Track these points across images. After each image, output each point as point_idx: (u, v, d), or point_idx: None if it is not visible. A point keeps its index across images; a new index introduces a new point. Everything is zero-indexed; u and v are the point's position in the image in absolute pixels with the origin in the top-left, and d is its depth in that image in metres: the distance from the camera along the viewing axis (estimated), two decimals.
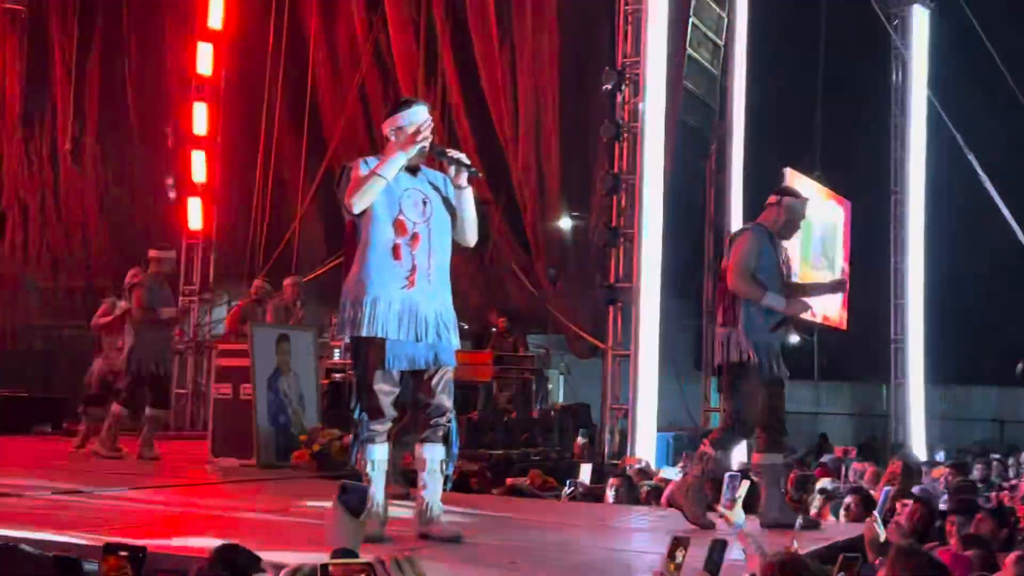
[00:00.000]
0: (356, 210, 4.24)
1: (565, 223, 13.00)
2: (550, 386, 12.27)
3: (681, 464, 8.51)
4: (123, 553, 2.48)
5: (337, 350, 10.89)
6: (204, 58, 12.86)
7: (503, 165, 11.87)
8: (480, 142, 11.75)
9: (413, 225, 4.31)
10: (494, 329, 12.03)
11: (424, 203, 4.36)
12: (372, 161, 4.31)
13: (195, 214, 13.01)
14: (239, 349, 8.04)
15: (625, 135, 10.68)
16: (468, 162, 4.40)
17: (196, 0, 12.94)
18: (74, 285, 13.93)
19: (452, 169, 4.40)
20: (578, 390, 12.67)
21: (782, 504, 5.35)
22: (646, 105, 10.46)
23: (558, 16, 11.69)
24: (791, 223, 5.46)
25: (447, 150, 4.43)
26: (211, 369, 9.57)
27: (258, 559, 2.85)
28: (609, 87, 10.65)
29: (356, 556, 2.26)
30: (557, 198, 12.38)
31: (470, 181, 4.43)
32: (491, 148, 11.82)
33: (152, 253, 8.54)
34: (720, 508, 4.61)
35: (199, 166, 13.00)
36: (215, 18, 12.90)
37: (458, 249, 4.51)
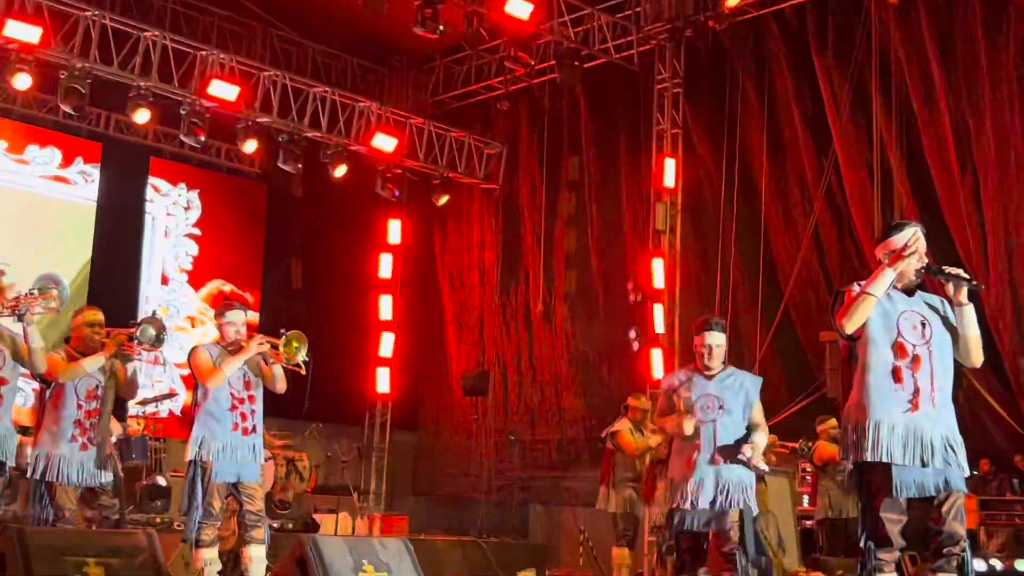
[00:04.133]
0: (848, 330, 4.27)
1: None
2: None
3: None
4: None
5: (806, 496, 10.72)
6: (661, 215, 13.49)
7: (975, 301, 11.27)
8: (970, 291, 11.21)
9: (913, 347, 4.27)
10: (975, 472, 11.25)
11: (923, 324, 4.32)
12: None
13: (657, 363, 13.46)
14: None
15: None
16: (968, 276, 4.30)
17: (652, 161, 13.67)
18: (549, 437, 14.89)
19: (950, 286, 4.33)
20: None
21: None
22: None
23: (1022, 139, 11.12)
24: None
25: (944, 267, 4.37)
26: None
27: None
28: None
29: None
30: None
31: (971, 297, 4.32)
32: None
33: (630, 400, 9.13)
34: None
35: (659, 318, 13.51)
36: (669, 178, 13.54)
37: None
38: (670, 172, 13.62)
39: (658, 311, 13.67)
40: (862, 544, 4.25)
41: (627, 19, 13.86)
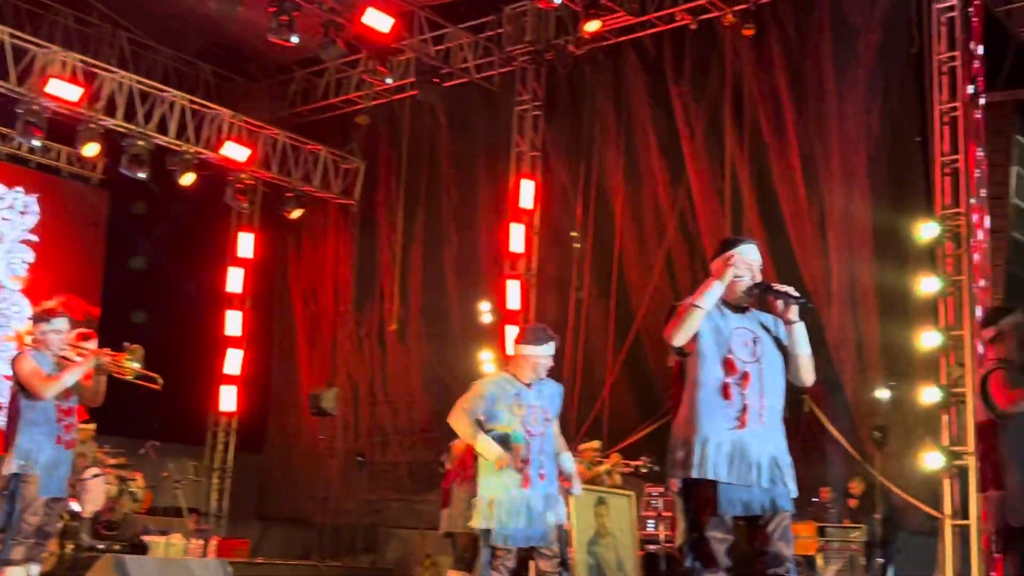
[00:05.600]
0: (675, 343, 4.18)
1: (883, 393, 12.32)
2: (881, 562, 11.41)
3: None
4: None
5: (651, 521, 10.71)
6: (516, 237, 13.44)
7: (818, 326, 11.51)
8: (801, 309, 11.42)
9: (743, 364, 4.20)
10: (815, 500, 11.44)
11: (755, 342, 4.26)
12: None
13: None
14: None
15: (951, 290, 10.14)
16: (797, 294, 4.26)
17: (509, 184, 13.62)
18: (401, 459, 14.61)
19: (780, 303, 4.28)
20: (917, 571, 11.69)
21: None
22: (969, 258, 9.93)
23: (868, 172, 11.44)
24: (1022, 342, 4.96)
25: (773, 284, 4.32)
26: None
27: None
28: (927, 241, 10.22)
29: None
30: (877, 361, 11.81)
31: (802, 316, 4.28)
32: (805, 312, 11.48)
33: None
34: None
35: (512, 341, 13.39)
36: (526, 199, 13.51)
37: None
38: (528, 194, 13.59)
39: (512, 333, 13.57)
40: (688, 564, 4.14)
41: (489, 40, 13.81)
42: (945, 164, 10.27)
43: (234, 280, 15.54)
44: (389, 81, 13.75)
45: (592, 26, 12.49)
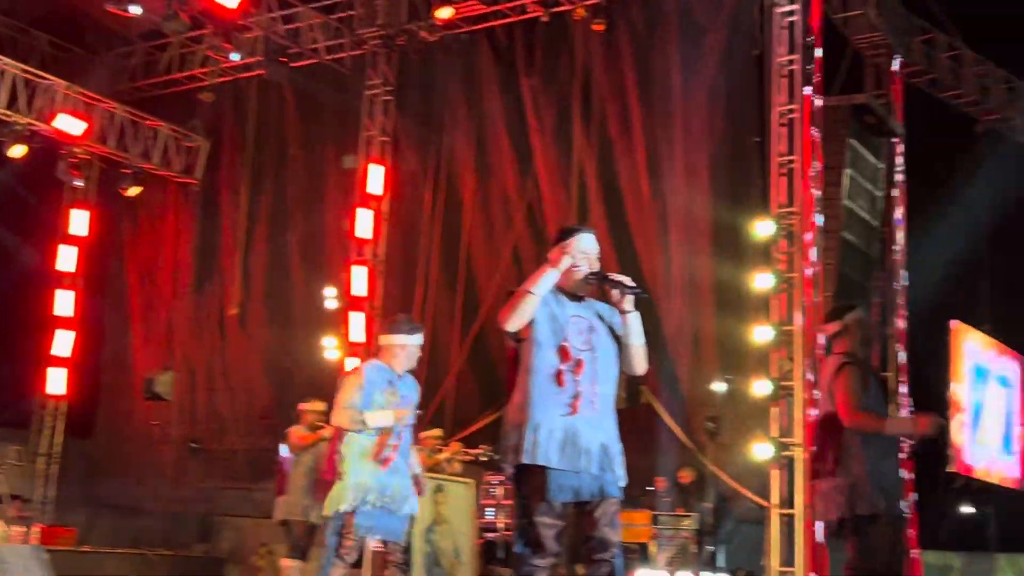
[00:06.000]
0: (509, 328, 4.18)
1: (719, 386, 12.66)
2: (711, 549, 11.73)
3: None
4: None
5: (490, 510, 10.75)
6: (364, 223, 13.28)
7: (657, 320, 11.74)
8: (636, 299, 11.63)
9: (577, 352, 4.21)
10: (650, 488, 11.68)
11: (590, 330, 4.28)
12: None
13: None
14: None
15: (784, 287, 10.46)
16: (632, 284, 4.30)
17: (358, 168, 13.45)
18: (239, 447, 14.28)
19: (615, 293, 4.31)
20: (746, 558, 12.06)
21: None
22: (802, 255, 10.27)
23: (709, 170, 11.73)
24: (865, 336, 5.21)
25: (609, 274, 4.35)
26: None
27: None
28: (762, 238, 10.53)
29: None
30: (712, 355, 12.13)
31: (637, 305, 4.33)
32: (643, 302, 11.70)
33: (301, 406, 8.86)
34: None
35: (357, 326, 13.27)
36: (375, 185, 13.37)
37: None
38: (377, 179, 13.45)
39: (358, 320, 13.43)
40: (516, 549, 4.14)
41: (340, 21, 13.59)
42: (782, 164, 10.59)
43: (65, 258, 14.88)
44: (235, 58, 13.41)
45: (444, 13, 12.43)
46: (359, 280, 13.34)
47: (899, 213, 12.56)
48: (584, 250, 4.35)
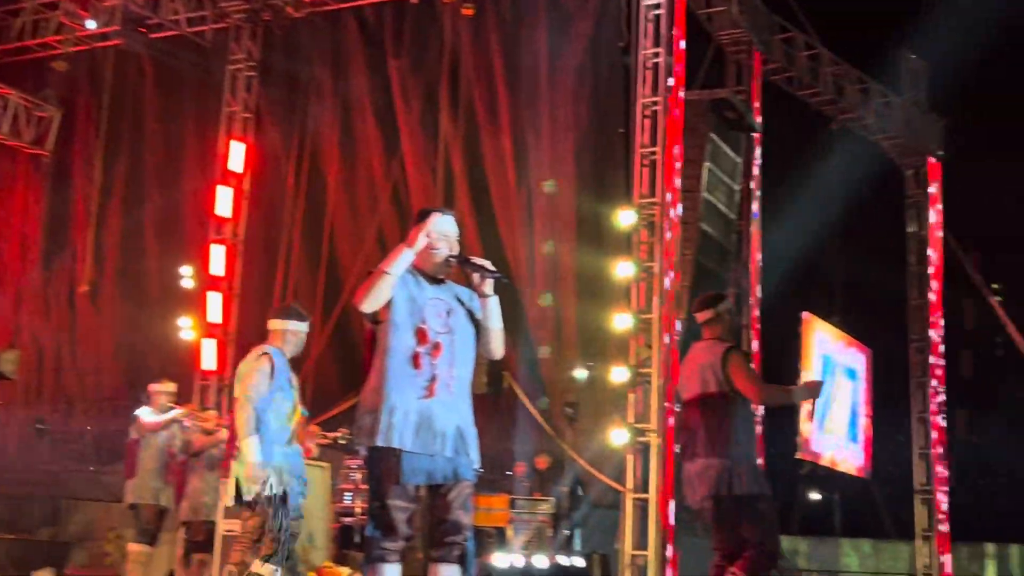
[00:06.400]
0: (364, 308, 4.13)
1: (580, 372, 12.81)
2: (567, 532, 11.89)
3: None
4: None
5: (348, 494, 10.65)
6: (224, 200, 12.99)
7: (519, 306, 11.81)
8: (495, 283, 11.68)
9: (435, 334, 4.19)
10: (509, 473, 11.77)
11: (448, 313, 4.26)
12: None
13: (209, 355, 12.91)
14: None
15: (643, 275, 10.63)
16: (492, 268, 4.30)
17: (217, 144, 13.14)
18: (88, 429, 13.82)
19: (476, 276, 4.30)
20: (600, 541, 12.25)
21: None
22: (663, 246, 10.45)
23: (574, 158, 11.83)
24: (733, 324, 5.48)
25: (470, 257, 4.34)
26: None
27: None
28: (624, 227, 10.67)
29: None
30: (573, 341, 12.26)
31: (496, 290, 4.33)
32: (506, 289, 11.76)
33: (151, 387, 8.68)
34: None
35: (215, 307, 12.98)
36: (236, 162, 13.08)
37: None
38: (237, 156, 13.17)
39: (215, 299, 13.13)
40: (368, 532, 4.11)
41: None
42: (644, 156, 10.75)
43: None
44: (91, 26, 12.93)
45: None
46: (217, 259, 13.06)
47: (755, 207, 12.91)
48: (443, 232, 4.33)
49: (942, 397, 14.92)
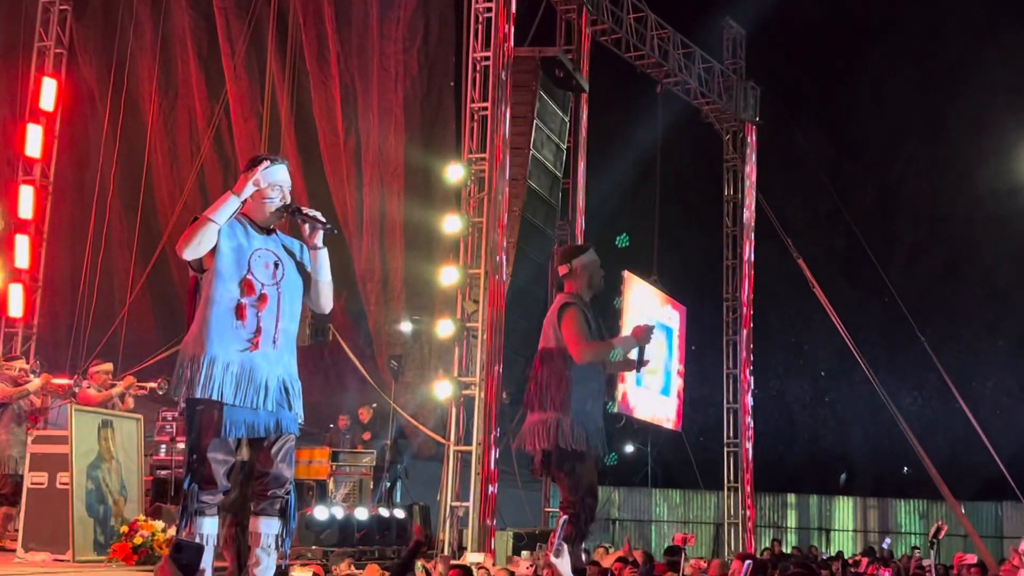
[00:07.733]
0: (186, 256, 3.99)
1: (406, 326, 12.80)
2: (387, 484, 11.92)
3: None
4: None
5: (163, 445, 10.40)
6: (33, 140, 12.35)
7: (347, 258, 11.71)
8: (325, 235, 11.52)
9: (261, 286, 4.08)
10: (332, 426, 11.69)
11: (276, 265, 4.16)
12: None
13: (16, 301, 12.31)
14: (57, 435, 7.52)
15: (471, 230, 10.68)
16: (324, 220, 4.22)
17: (27, 80, 12.46)
18: None
19: (307, 228, 4.22)
20: (421, 493, 12.34)
21: None
22: (492, 202, 10.51)
23: (404, 110, 11.75)
24: (593, 277, 5.50)
25: (301, 208, 4.25)
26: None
27: None
28: (453, 183, 10.69)
29: None
30: (400, 295, 12.25)
31: (326, 241, 4.26)
32: (334, 240, 11.63)
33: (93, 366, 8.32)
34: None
35: (22, 251, 12.37)
36: (47, 100, 12.45)
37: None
38: (49, 94, 12.53)
39: (23, 243, 12.52)
40: (186, 485, 4.01)
41: None
42: (475, 111, 10.76)
43: None
44: None
45: None
46: (26, 202, 12.45)
47: (581, 165, 13.11)
48: (276, 181, 4.21)
49: (750, 355, 15.62)
